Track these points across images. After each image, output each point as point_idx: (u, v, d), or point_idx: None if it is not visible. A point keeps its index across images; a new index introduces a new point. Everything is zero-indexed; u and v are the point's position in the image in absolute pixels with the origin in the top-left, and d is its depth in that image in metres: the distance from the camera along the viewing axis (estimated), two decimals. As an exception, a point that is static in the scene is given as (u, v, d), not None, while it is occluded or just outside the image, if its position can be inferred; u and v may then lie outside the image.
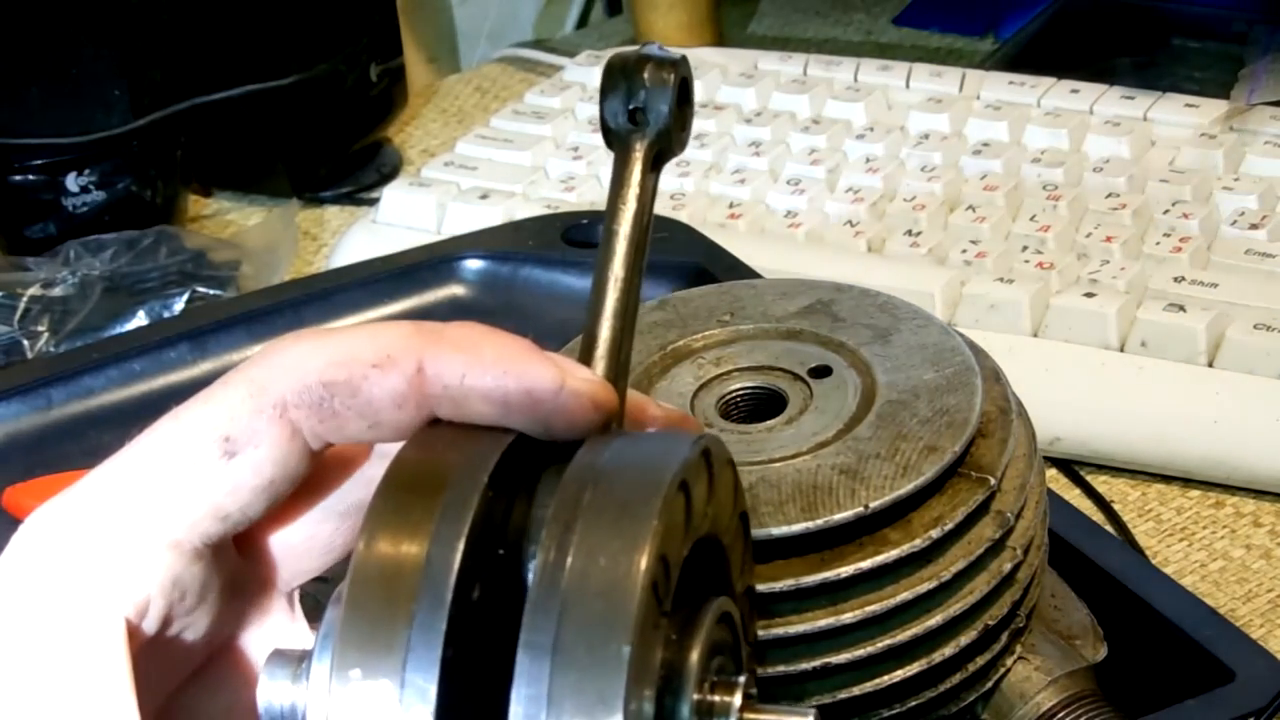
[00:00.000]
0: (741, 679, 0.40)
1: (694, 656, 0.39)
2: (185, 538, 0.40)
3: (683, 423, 0.45)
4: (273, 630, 0.44)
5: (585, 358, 0.43)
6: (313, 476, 0.42)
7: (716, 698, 0.40)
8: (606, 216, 0.44)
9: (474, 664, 0.37)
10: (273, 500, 0.41)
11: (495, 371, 0.39)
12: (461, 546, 0.37)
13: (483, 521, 0.38)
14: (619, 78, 0.44)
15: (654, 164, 0.44)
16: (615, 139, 0.44)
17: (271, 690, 0.39)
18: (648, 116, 0.44)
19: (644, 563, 0.36)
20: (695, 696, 0.39)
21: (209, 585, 0.41)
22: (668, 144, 0.44)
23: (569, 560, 0.37)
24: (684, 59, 0.44)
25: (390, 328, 0.40)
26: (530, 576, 0.38)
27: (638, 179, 0.44)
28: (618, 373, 0.43)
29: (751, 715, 0.40)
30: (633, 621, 0.36)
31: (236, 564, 0.42)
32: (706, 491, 0.40)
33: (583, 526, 0.37)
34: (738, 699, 0.40)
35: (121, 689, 0.39)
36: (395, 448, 0.40)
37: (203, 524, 0.40)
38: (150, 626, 0.40)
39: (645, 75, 0.44)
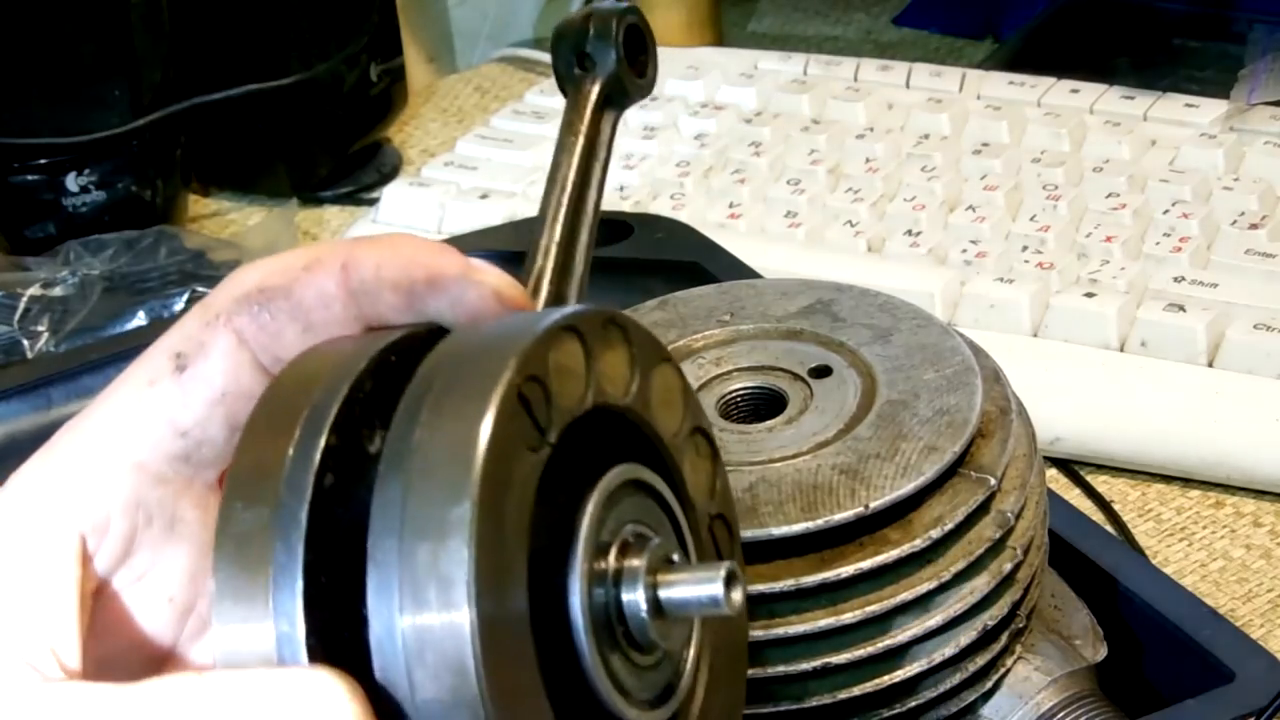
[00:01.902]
0: (655, 540, 0.40)
1: (583, 523, 0.39)
2: (148, 458, 0.41)
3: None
4: None
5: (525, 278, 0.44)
6: None
7: (625, 563, 0.39)
8: (553, 158, 0.46)
9: (340, 554, 0.37)
10: (229, 418, 0.41)
11: (404, 261, 0.41)
12: (323, 441, 0.38)
13: (352, 411, 0.38)
14: (567, 28, 0.47)
15: (604, 106, 0.47)
16: (567, 85, 0.47)
17: None
18: (594, 60, 0.46)
19: (485, 424, 0.36)
20: (588, 565, 0.38)
21: (181, 518, 0.42)
22: (619, 88, 0.47)
23: (414, 436, 0.37)
24: (632, 8, 0.47)
25: (322, 242, 0.42)
26: (374, 488, 0.38)
27: (586, 119, 0.46)
28: (556, 289, 0.44)
29: (664, 576, 0.39)
30: (474, 481, 0.35)
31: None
32: (584, 360, 0.40)
33: (430, 402, 0.37)
34: (643, 561, 0.39)
35: (65, 596, 0.40)
36: None
37: (162, 443, 0.41)
38: (112, 548, 0.41)
39: (591, 23, 0.46)
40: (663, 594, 0.39)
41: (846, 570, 0.52)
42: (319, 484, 0.38)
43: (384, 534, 0.36)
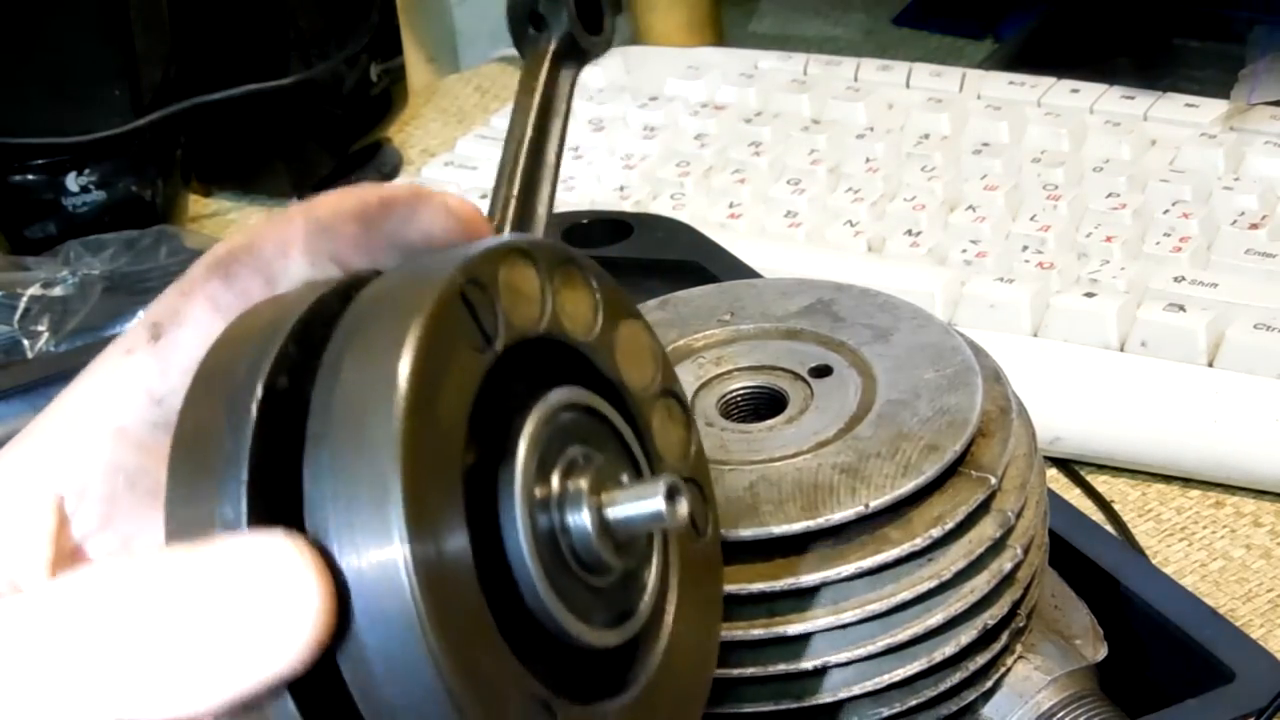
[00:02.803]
0: (599, 459, 0.39)
1: (521, 446, 0.38)
2: (127, 424, 0.42)
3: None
4: None
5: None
6: None
7: (569, 483, 0.39)
8: (510, 117, 0.47)
9: (284, 472, 0.37)
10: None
11: (358, 194, 0.42)
12: (276, 349, 0.38)
13: (308, 329, 0.38)
14: None
15: (560, 64, 0.47)
16: (523, 44, 0.48)
17: None
18: (548, 21, 0.47)
19: (409, 345, 0.36)
20: (528, 484, 0.38)
21: (164, 484, 0.41)
22: (574, 45, 0.47)
23: (344, 361, 0.36)
24: None
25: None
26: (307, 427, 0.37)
27: (542, 77, 0.47)
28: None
29: (607, 495, 0.39)
30: (398, 410, 0.35)
31: None
32: (539, 287, 0.40)
33: (364, 326, 0.37)
34: (586, 480, 0.39)
35: (38, 546, 0.40)
36: None
37: (140, 409, 0.42)
38: (93, 510, 0.41)
39: None
40: (608, 513, 0.39)
41: (847, 569, 0.52)
42: (270, 386, 0.37)
43: (318, 441, 0.36)
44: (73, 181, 0.98)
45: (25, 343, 0.89)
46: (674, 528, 0.39)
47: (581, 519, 0.38)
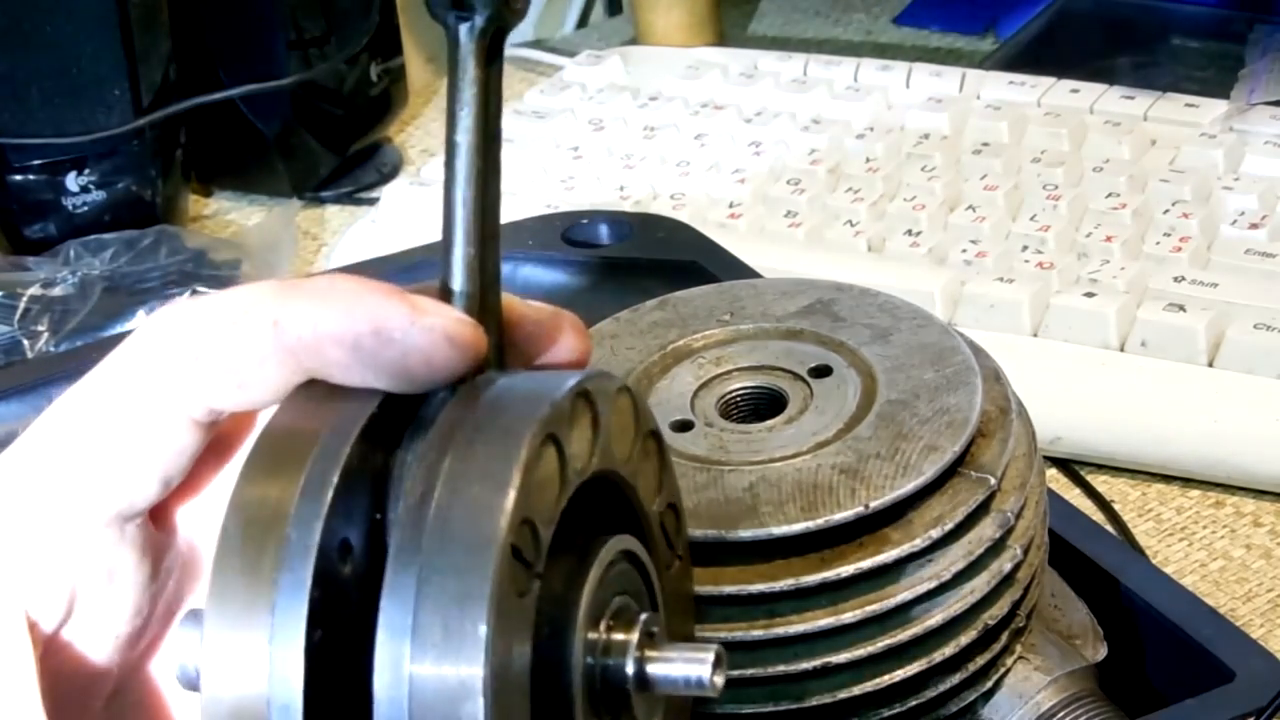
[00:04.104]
0: (643, 616, 0.40)
1: (581, 604, 0.39)
2: (91, 520, 0.40)
3: (553, 319, 0.43)
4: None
5: (444, 295, 0.41)
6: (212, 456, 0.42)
7: (614, 636, 0.39)
8: (447, 126, 0.41)
9: (343, 623, 0.37)
10: (166, 477, 0.41)
11: (341, 311, 0.38)
12: (329, 497, 0.37)
13: (353, 475, 0.38)
14: None
15: (491, 53, 0.41)
16: (447, 33, 0.41)
17: (183, 651, 0.38)
18: (472, 3, 0.41)
19: (500, 534, 0.36)
20: (586, 637, 0.39)
21: (119, 566, 0.41)
22: (502, 22, 0.41)
23: (424, 537, 0.36)
24: None
25: (251, 286, 0.40)
26: (390, 544, 0.37)
27: (473, 76, 0.41)
28: (483, 304, 0.41)
29: (652, 652, 0.39)
30: (488, 600, 0.35)
31: (154, 556, 0.42)
32: (591, 432, 0.39)
33: (440, 492, 0.37)
34: (635, 635, 0.39)
35: (25, 685, 0.39)
36: None
37: (103, 505, 0.40)
38: (55, 612, 0.40)
39: None
40: (650, 669, 0.39)
41: (846, 570, 0.52)
42: (326, 548, 0.37)
43: (398, 588, 0.36)
44: (73, 181, 0.98)
45: (25, 343, 0.89)
46: (712, 696, 0.40)
47: (624, 671, 0.39)
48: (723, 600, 0.52)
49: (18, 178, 0.98)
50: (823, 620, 0.52)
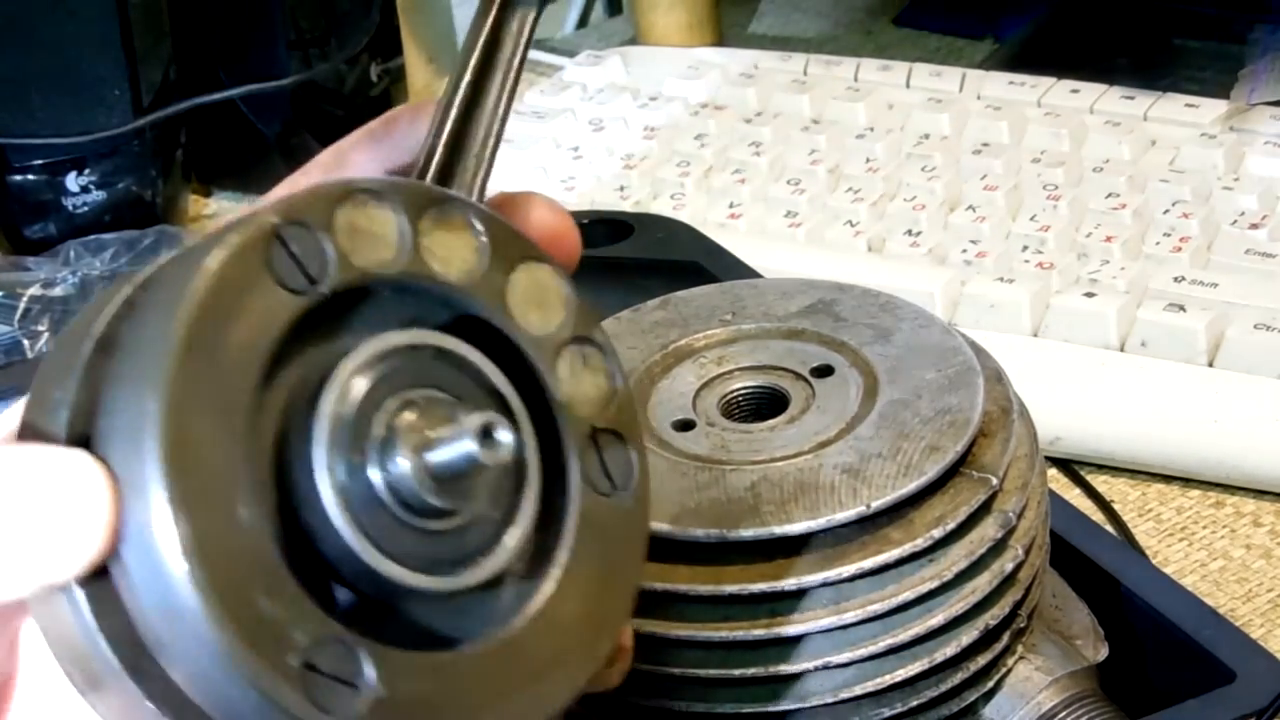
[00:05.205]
0: (440, 403, 0.38)
1: (333, 385, 0.38)
2: None
3: (522, 196, 0.45)
4: None
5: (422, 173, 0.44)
6: None
7: (392, 427, 0.38)
8: (459, 57, 0.46)
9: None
10: None
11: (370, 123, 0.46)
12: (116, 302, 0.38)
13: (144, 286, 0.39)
14: None
15: (505, 3, 0.46)
16: None
17: None
18: None
19: (195, 279, 0.36)
20: (334, 428, 0.37)
21: None
22: None
23: (145, 300, 0.37)
24: None
25: None
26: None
27: (493, 14, 0.46)
28: (451, 174, 0.44)
29: (431, 434, 0.38)
30: (170, 344, 0.35)
31: None
32: (398, 228, 0.39)
33: (173, 268, 0.38)
34: (410, 425, 0.38)
35: None
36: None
37: None
38: None
39: None
40: (428, 456, 0.38)
41: (848, 569, 0.52)
42: (103, 333, 0.38)
43: (109, 377, 0.37)
44: (73, 181, 0.98)
45: (25, 343, 0.89)
46: (495, 466, 0.38)
47: (402, 462, 0.38)
48: (725, 599, 0.52)
49: (18, 178, 0.98)
50: (824, 620, 0.52)
